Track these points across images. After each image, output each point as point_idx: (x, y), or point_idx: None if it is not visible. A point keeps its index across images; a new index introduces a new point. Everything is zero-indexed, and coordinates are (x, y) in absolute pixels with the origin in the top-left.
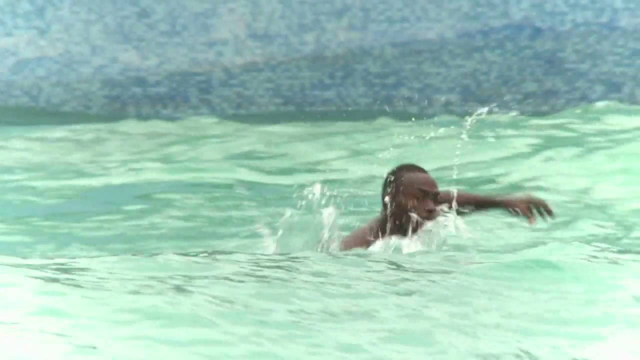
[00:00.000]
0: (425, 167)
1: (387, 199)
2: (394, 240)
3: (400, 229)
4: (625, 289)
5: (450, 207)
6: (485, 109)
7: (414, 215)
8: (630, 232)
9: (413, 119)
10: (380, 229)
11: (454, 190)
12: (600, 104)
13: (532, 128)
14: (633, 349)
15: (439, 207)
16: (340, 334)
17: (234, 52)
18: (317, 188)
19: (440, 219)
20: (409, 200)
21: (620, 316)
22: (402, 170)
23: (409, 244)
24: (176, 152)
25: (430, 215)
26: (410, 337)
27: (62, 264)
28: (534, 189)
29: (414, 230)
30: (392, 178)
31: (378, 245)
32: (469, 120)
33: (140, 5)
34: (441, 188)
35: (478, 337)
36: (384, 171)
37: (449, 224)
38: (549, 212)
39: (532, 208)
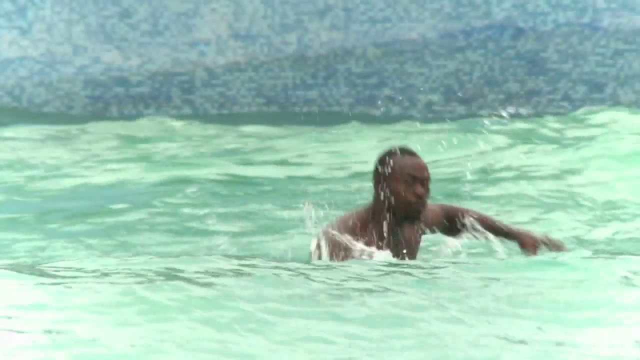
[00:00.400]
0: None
1: (377, 184)
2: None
3: (392, 216)
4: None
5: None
6: (508, 110)
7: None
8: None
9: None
10: (372, 215)
11: (481, 215)
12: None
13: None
14: (619, 334)
15: (429, 193)
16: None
17: (217, 52)
18: (308, 207)
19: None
20: (398, 185)
21: (606, 300)
22: (392, 154)
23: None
24: (157, 151)
25: (419, 200)
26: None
27: (45, 264)
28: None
29: (406, 218)
30: (382, 162)
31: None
32: (486, 121)
33: (122, 5)
34: (467, 208)
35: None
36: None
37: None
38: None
39: (539, 249)
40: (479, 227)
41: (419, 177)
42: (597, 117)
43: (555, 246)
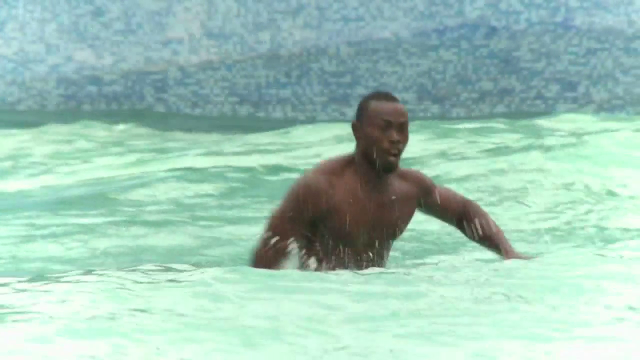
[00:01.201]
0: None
1: (354, 130)
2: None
3: (369, 165)
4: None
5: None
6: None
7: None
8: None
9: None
10: (351, 163)
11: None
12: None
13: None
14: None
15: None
16: None
17: (190, 50)
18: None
19: None
20: (372, 130)
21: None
22: (369, 98)
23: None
24: (131, 148)
25: (393, 146)
26: None
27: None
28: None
29: (385, 170)
30: (359, 107)
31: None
32: None
33: (95, 4)
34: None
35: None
36: None
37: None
38: None
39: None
40: (480, 233)
41: (394, 122)
42: (565, 119)
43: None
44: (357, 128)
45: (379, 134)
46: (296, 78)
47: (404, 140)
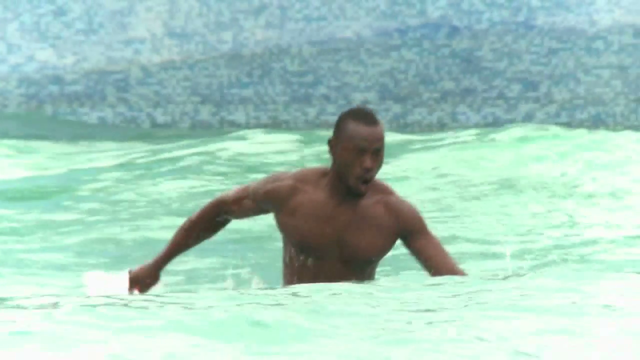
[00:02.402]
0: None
1: (330, 148)
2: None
3: (341, 185)
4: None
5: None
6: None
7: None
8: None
9: None
10: (324, 176)
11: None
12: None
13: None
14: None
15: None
16: None
17: (152, 50)
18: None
19: None
20: (345, 154)
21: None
22: (348, 117)
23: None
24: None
25: (365, 173)
26: None
27: None
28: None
29: (353, 194)
30: (336, 125)
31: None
32: None
33: (57, 3)
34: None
35: None
36: None
37: None
38: None
39: None
40: (420, 259)
41: (369, 149)
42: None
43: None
44: (332, 146)
45: (353, 158)
46: (258, 77)
47: (378, 165)
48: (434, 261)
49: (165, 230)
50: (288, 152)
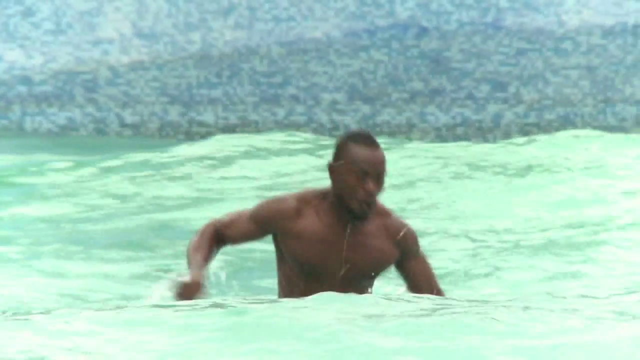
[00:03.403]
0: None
1: (330, 171)
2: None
3: (342, 209)
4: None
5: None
6: None
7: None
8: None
9: None
10: (324, 198)
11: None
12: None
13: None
14: None
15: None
16: None
17: (120, 50)
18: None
19: None
20: (347, 178)
21: None
22: (349, 141)
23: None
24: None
25: (368, 197)
26: None
27: None
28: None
29: (357, 217)
30: (337, 148)
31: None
32: None
33: (25, 4)
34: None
35: None
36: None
37: None
38: None
39: None
40: (407, 286)
41: (372, 173)
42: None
43: None
44: (333, 170)
45: (355, 182)
46: (227, 78)
47: (380, 189)
48: (419, 282)
49: (134, 233)
50: (259, 152)
